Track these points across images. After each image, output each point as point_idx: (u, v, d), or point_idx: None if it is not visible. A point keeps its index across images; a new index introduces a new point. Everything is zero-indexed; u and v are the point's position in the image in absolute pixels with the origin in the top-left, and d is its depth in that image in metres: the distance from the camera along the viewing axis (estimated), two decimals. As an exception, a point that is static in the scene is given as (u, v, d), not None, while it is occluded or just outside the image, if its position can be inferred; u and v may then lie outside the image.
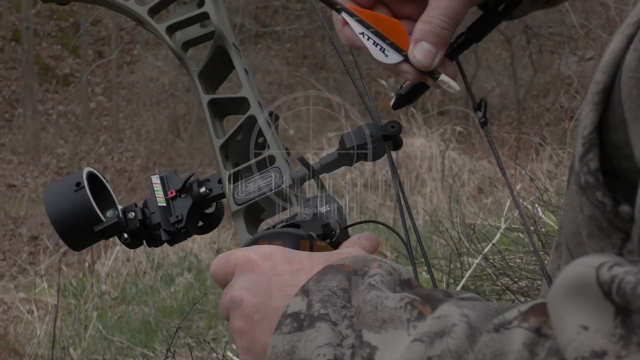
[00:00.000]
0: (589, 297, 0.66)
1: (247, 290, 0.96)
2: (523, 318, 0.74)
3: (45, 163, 17.32)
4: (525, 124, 10.71)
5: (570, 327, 0.67)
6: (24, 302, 7.93)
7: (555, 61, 15.55)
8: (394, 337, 0.82)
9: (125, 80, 20.17)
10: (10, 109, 19.36)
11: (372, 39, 1.05)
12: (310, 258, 0.98)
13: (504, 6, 1.11)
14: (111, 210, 1.21)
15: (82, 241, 1.22)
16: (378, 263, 0.91)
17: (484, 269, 4.35)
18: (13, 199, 15.22)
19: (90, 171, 1.24)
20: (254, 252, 0.99)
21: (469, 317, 0.78)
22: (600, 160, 0.79)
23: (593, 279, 0.66)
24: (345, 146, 1.12)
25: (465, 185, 8.56)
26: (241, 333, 0.95)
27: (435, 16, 1.03)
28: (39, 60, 19.79)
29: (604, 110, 0.79)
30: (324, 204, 1.08)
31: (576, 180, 0.81)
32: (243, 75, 1.23)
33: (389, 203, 8.52)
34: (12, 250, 11.84)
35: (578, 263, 0.68)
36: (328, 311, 0.87)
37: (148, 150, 17.48)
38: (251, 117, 1.19)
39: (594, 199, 0.79)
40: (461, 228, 4.89)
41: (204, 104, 1.22)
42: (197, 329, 6.20)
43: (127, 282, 8.18)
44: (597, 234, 0.81)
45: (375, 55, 1.05)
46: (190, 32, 1.29)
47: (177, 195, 1.21)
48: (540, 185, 5.38)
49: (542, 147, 8.28)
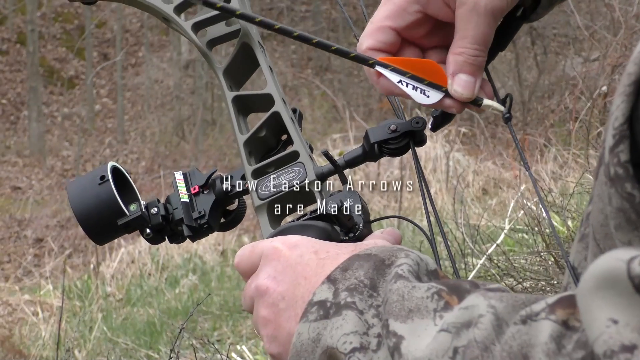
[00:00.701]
0: (619, 291, 0.66)
1: (273, 279, 0.96)
2: (550, 310, 0.73)
3: (50, 165, 17.35)
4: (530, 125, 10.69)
5: (599, 321, 0.66)
6: (29, 304, 7.94)
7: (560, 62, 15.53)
8: (421, 326, 0.82)
9: (130, 83, 20.19)
10: (16, 112, 19.39)
11: (411, 83, 1.06)
12: (336, 248, 0.98)
13: (522, 10, 1.12)
14: (135, 204, 1.21)
15: (105, 234, 1.22)
16: (405, 253, 0.91)
17: (488, 270, 4.34)
18: (18, 201, 15.24)
19: (114, 165, 1.24)
20: (280, 242, 0.99)
21: (495, 308, 0.78)
22: (630, 152, 0.78)
23: (624, 272, 0.66)
24: (369, 141, 1.14)
25: (470, 186, 8.55)
26: (266, 321, 0.96)
27: (466, 46, 1.04)
28: (44, 62, 19.82)
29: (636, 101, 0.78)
30: (347, 198, 1.08)
31: (605, 172, 0.80)
32: (268, 72, 1.23)
33: (394, 204, 8.52)
34: (17, 252, 11.86)
35: (609, 256, 0.68)
36: (355, 299, 0.87)
37: (153, 152, 17.49)
38: (275, 114, 1.19)
39: (623, 191, 0.78)
40: (465, 229, 4.89)
41: (228, 101, 1.23)
42: (201, 330, 6.20)
43: (132, 284, 8.19)
44: (625, 226, 0.80)
45: (417, 99, 1.06)
46: (216, 30, 1.29)
47: (200, 191, 1.22)
48: (545, 186, 5.37)
49: (547, 148, 8.27)
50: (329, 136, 11.77)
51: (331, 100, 16.71)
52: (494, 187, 8.46)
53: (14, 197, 15.67)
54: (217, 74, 1.26)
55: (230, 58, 1.26)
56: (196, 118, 18.24)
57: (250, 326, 6.07)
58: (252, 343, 5.44)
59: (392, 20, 1.08)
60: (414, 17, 1.08)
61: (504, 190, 7.84)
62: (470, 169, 8.87)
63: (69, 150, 18.09)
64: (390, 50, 1.09)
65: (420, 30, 1.09)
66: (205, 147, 17.39)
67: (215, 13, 1.26)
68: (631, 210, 0.79)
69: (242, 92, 1.24)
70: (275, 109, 1.20)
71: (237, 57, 1.26)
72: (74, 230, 12.08)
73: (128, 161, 17.42)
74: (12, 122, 19.18)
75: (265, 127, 1.20)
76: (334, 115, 16.32)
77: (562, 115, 9.08)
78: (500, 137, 10.95)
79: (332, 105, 16.85)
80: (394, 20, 1.08)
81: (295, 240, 0.99)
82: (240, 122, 1.23)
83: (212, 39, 1.29)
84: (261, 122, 1.20)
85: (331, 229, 1.04)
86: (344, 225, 1.05)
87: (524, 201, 5.20)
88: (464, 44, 1.04)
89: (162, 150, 17.55)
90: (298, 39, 1.01)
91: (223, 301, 6.81)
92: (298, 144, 1.16)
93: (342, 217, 1.04)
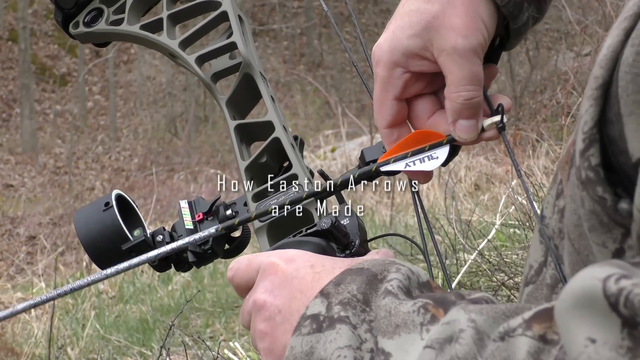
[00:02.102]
0: (596, 310, 0.66)
1: (270, 293, 0.97)
2: (527, 326, 0.74)
3: (43, 163, 17.32)
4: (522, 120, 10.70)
5: (578, 340, 0.67)
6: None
7: (552, 57, 15.55)
8: (408, 341, 0.82)
9: (122, 79, 20.17)
10: (8, 109, 19.35)
11: (416, 160, 1.07)
12: (332, 262, 0.98)
13: (499, 39, 1.12)
14: (138, 230, 1.25)
15: (110, 260, 1.24)
16: (396, 267, 0.91)
17: (480, 265, 4.35)
18: (11, 198, 15.22)
19: (118, 193, 1.27)
20: (277, 256, 1.00)
21: (476, 322, 0.78)
22: (601, 155, 0.78)
23: (599, 291, 0.66)
24: (365, 160, 1.16)
25: (462, 182, 8.56)
26: (263, 335, 0.96)
27: (457, 90, 1.03)
28: (35, 59, 19.78)
29: (604, 105, 0.79)
30: (344, 217, 1.09)
31: (577, 175, 0.81)
32: (269, 102, 1.27)
33: (386, 200, 8.52)
34: (10, 250, 11.84)
35: (585, 274, 0.68)
36: (348, 314, 0.87)
37: (146, 149, 17.48)
38: (275, 140, 1.22)
39: (595, 194, 0.79)
40: (457, 224, 4.89)
41: (231, 130, 1.26)
42: (194, 327, 6.20)
43: (125, 281, 8.18)
44: (598, 228, 0.81)
45: (428, 167, 1.07)
46: (220, 64, 1.33)
47: (204, 218, 1.24)
48: (537, 181, 5.38)
49: (539, 143, 8.27)
50: (321, 132, 11.78)
51: (324, 97, 16.72)
52: (486, 182, 8.47)
53: (6, 194, 15.65)
54: (220, 104, 1.30)
55: (232, 89, 1.29)
56: (188, 115, 18.24)
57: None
58: (244, 340, 5.45)
59: (387, 92, 1.08)
60: (404, 79, 1.07)
61: (496, 185, 7.85)
62: (462, 164, 8.87)
63: (61, 147, 18.07)
64: (403, 117, 1.09)
65: (419, 84, 1.09)
66: (198, 144, 17.39)
67: (218, 45, 1.30)
68: (603, 214, 0.79)
69: (243, 121, 1.27)
70: (276, 135, 1.22)
71: (239, 88, 1.29)
72: (67, 228, 12.07)
73: (120, 158, 17.41)
74: (4, 120, 19.15)
75: (266, 153, 1.23)
76: (326, 111, 16.33)
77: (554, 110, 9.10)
78: (493, 132, 10.91)
79: (325, 102, 16.86)
80: (388, 92, 1.08)
81: (292, 254, 1.00)
82: (243, 149, 1.26)
83: (216, 72, 1.33)
84: (262, 148, 1.23)
85: (327, 245, 1.05)
86: (339, 242, 1.06)
87: (516, 196, 5.21)
88: (455, 88, 1.03)
89: (155, 147, 17.54)
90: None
91: (215, 298, 6.81)
92: (297, 167, 1.19)
93: (336, 233, 1.05)
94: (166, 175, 15.32)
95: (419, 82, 1.08)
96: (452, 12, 1.01)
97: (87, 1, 1.42)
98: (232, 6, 1.33)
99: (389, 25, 1.07)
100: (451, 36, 1.01)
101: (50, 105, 19.50)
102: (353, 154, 10.30)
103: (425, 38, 1.03)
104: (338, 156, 10.39)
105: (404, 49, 1.05)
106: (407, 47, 1.05)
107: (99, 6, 1.42)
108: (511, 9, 1.05)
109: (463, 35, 1.01)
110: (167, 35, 1.35)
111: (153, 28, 1.37)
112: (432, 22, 1.02)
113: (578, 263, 0.88)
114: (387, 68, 1.07)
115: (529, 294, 1.02)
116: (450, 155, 1.10)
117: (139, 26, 1.37)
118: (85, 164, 17.41)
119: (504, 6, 1.04)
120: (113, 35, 1.41)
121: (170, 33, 1.36)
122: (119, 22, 1.40)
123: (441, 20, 1.02)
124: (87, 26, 1.41)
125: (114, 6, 1.42)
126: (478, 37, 1.02)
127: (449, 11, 1.02)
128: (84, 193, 15.22)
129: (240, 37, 1.30)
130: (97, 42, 1.45)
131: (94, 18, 1.41)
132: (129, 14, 1.39)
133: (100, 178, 16.61)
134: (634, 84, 0.75)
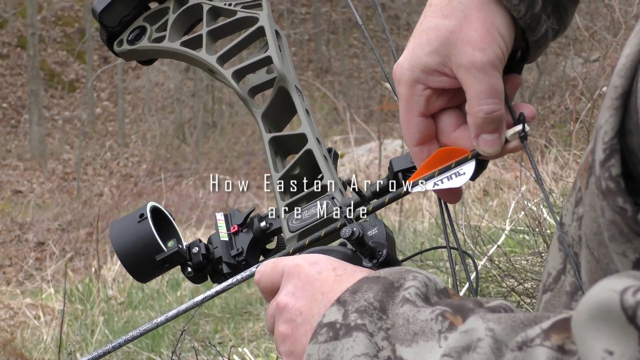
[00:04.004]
0: (613, 322, 0.66)
1: (292, 295, 0.97)
2: (545, 336, 0.73)
3: (51, 169, 17.36)
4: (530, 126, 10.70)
5: (596, 352, 0.67)
6: (30, 308, 7.94)
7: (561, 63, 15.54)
8: (426, 349, 0.82)
9: (130, 86, 20.21)
10: (16, 115, 19.41)
11: (443, 177, 1.07)
12: (353, 267, 0.99)
13: (521, 52, 1.11)
14: (172, 241, 1.26)
15: (145, 271, 1.27)
16: (413, 275, 0.91)
17: (489, 271, 4.34)
18: (19, 204, 15.26)
19: (154, 205, 1.29)
20: (302, 259, 1.00)
21: (494, 331, 0.77)
22: (622, 165, 0.78)
23: (617, 303, 0.66)
24: (393, 170, 1.17)
25: (471, 187, 8.55)
26: (284, 337, 0.96)
27: (479, 104, 1.03)
28: (44, 66, 19.84)
29: (624, 114, 0.78)
30: (371, 227, 1.10)
31: (597, 185, 0.80)
32: (303, 115, 1.28)
33: (395, 206, 8.51)
34: (19, 256, 11.86)
35: (602, 287, 0.68)
36: (365, 322, 0.87)
37: (154, 155, 17.51)
38: (308, 151, 1.24)
39: (615, 205, 0.78)
40: (466, 230, 4.88)
41: (265, 143, 1.28)
42: (203, 332, 6.20)
43: (134, 287, 8.19)
44: (618, 238, 0.80)
45: (457, 184, 1.07)
46: (257, 78, 1.36)
47: (239, 230, 1.26)
48: (546, 187, 5.37)
49: (548, 149, 8.26)
50: (330, 138, 11.78)
51: (332, 102, 16.73)
52: (495, 188, 8.45)
53: (15, 200, 15.69)
54: (256, 118, 1.31)
55: (267, 102, 1.31)
56: (197, 121, 18.26)
57: (251, 329, 6.07)
58: (253, 345, 5.44)
59: (411, 109, 1.08)
60: (426, 96, 1.07)
61: (505, 191, 7.83)
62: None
63: (69, 153, 18.11)
64: (431, 134, 1.09)
65: (442, 99, 1.08)
66: (206, 150, 17.41)
67: (255, 60, 1.33)
68: (623, 224, 0.79)
69: (277, 134, 1.29)
70: (308, 147, 1.24)
71: (274, 101, 1.31)
72: (75, 234, 12.10)
73: (129, 164, 17.44)
74: (12, 126, 19.20)
75: (298, 165, 1.24)
76: (334, 117, 16.34)
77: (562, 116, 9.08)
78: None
79: (333, 107, 16.87)
80: (413, 110, 1.08)
81: (316, 258, 1.00)
82: (277, 162, 1.28)
83: (253, 87, 1.35)
84: (294, 160, 1.25)
85: (352, 254, 1.06)
86: (363, 252, 1.06)
87: (525, 202, 5.20)
88: (475, 103, 1.02)
89: (163, 153, 17.56)
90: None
91: (225, 304, 6.81)
92: (328, 178, 1.20)
93: (356, 244, 1.05)
94: (174, 181, 15.34)
95: (442, 98, 1.08)
96: (468, 26, 1.01)
97: (131, 20, 1.46)
98: (269, 21, 1.36)
99: (409, 43, 1.07)
100: (468, 50, 1.01)
101: (58, 111, 19.55)
102: (362, 160, 10.30)
103: (443, 54, 1.03)
104: (347, 162, 10.39)
105: (423, 66, 1.05)
106: (426, 64, 1.04)
107: (142, 24, 1.46)
108: (528, 21, 1.05)
109: (480, 49, 1.01)
110: (206, 51, 1.38)
111: (193, 44, 1.39)
112: (450, 37, 1.02)
113: (597, 271, 0.87)
114: (408, 86, 1.06)
115: (547, 302, 1.01)
116: (478, 169, 1.09)
117: (179, 43, 1.40)
118: (94, 170, 17.45)
119: (521, 18, 1.03)
120: (155, 52, 1.44)
121: (209, 49, 1.38)
122: (161, 40, 1.43)
123: (458, 35, 1.02)
124: (131, 44, 1.45)
125: (156, 24, 1.45)
126: (495, 49, 1.01)
127: (465, 25, 1.01)
128: (92, 199, 15.25)
129: (276, 51, 1.32)
130: (140, 60, 1.49)
131: (137, 36, 1.45)
132: (170, 31, 1.42)
133: (108, 184, 16.64)
134: None
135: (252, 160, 15.49)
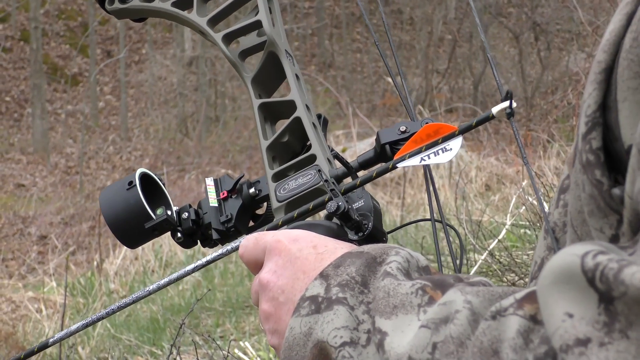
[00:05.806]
0: (574, 285, 0.67)
1: (274, 272, 0.98)
2: (518, 305, 0.74)
3: (54, 162, 17.37)
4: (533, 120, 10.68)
5: (556, 315, 0.68)
6: (32, 301, 7.96)
7: (564, 58, 15.53)
8: (404, 322, 0.83)
9: (133, 80, 20.21)
10: (19, 109, 19.42)
11: (430, 153, 1.07)
12: (335, 242, 0.99)
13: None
14: (161, 208, 1.26)
15: (135, 238, 1.27)
16: (395, 250, 0.92)
17: (490, 265, 4.35)
18: (22, 198, 15.27)
19: (143, 172, 1.29)
20: (282, 235, 1.01)
21: (472, 303, 0.79)
22: (603, 139, 0.79)
23: (578, 267, 0.67)
24: (380, 142, 1.15)
25: (473, 182, 8.55)
26: (268, 315, 0.97)
27: None
28: (47, 59, 19.84)
29: (607, 89, 0.79)
30: (358, 199, 1.09)
31: (579, 159, 0.82)
32: (293, 80, 1.26)
33: (397, 200, 8.51)
34: (21, 249, 11.88)
35: (565, 252, 0.69)
36: (346, 295, 0.88)
37: (156, 149, 17.51)
38: (297, 119, 1.22)
39: (593, 177, 0.80)
40: (468, 225, 4.89)
41: (255, 108, 1.26)
42: (204, 326, 6.21)
43: (135, 281, 8.20)
44: (596, 213, 0.82)
45: (443, 160, 1.07)
46: (248, 41, 1.34)
47: (229, 196, 1.26)
48: (547, 181, 5.37)
49: (550, 143, 8.26)
50: (332, 132, 11.78)
51: (334, 97, 16.71)
52: (497, 183, 8.45)
53: (18, 194, 15.70)
54: (246, 82, 1.29)
55: (257, 67, 1.30)
56: (199, 115, 18.26)
57: (253, 322, 6.08)
58: (255, 339, 5.45)
59: None
60: None
61: (507, 186, 7.83)
62: (473, 164, 8.86)
63: (72, 147, 18.11)
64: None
65: None
66: (209, 144, 17.40)
67: (245, 23, 1.31)
68: (600, 198, 0.80)
69: (267, 100, 1.28)
70: (297, 115, 1.22)
71: (264, 66, 1.29)
72: (78, 227, 12.11)
73: (132, 158, 17.44)
74: (15, 120, 19.21)
75: (288, 132, 1.23)
76: (337, 111, 16.31)
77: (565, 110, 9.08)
78: (504, 133, 10.94)
79: (336, 102, 16.85)
80: None
81: (296, 234, 1.00)
82: (266, 128, 1.26)
83: (244, 50, 1.33)
84: (283, 128, 1.23)
85: (337, 228, 1.05)
86: (348, 226, 1.06)
87: (526, 197, 5.20)
88: None
89: (166, 147, 17.56)
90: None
91: (226, 297, 6.82)
92: (316, 148, 1.18)
93: (341, 218, 1.05)
94: (177, 175, 15.34)
95: None
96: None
97: None
98: None
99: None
100: None
101: (61, 105, 19.56)
102: (364, 155, 10.27)
103: None
104: (349, 156, 10.38)
105: None
106: None
107: None
108: None
109: None
110: (196, 13, 1.36)
111: (184, 5, 1.39)
112: None
113: None
114: None
115: None
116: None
117: (170, 3, 1.39)
118: (97, 164, 17.46)
119: None
120: (146, 11, 1.44)
121: (200, 10, 1.37)
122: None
123: None
124: (122, 2, 1.45)
125: None
126: None
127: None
128: (95, 193, 15.25)
129: (266, 15, 1.30)
130: (132, 18, 1.48)
131: None
132: None
133: (111, 178, 16.64)
134: (629, 70, 0.75)
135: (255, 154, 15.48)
